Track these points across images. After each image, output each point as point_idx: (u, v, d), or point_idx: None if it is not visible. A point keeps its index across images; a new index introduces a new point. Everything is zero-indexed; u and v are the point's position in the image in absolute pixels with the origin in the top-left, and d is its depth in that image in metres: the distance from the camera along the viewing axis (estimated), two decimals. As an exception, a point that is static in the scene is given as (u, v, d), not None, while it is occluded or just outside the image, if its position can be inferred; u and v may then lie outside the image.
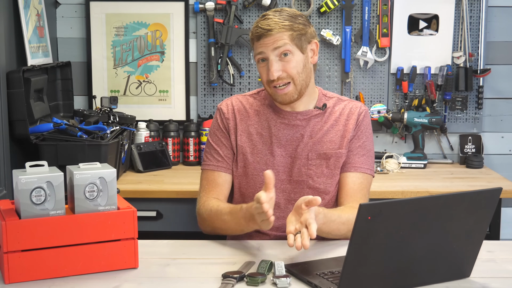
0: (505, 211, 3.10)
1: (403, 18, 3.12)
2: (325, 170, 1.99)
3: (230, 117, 2.04)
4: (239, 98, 2.08)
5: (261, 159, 2.00)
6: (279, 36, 1.89)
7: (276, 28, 1.89)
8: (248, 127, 2.03)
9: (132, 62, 3.16)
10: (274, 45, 1.89)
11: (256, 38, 1.91)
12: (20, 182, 1.51)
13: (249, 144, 2.02)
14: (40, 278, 1.54)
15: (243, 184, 2.02)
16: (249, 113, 2.04)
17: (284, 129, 2.00)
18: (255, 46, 1.93)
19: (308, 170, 1.99)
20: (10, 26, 2.55)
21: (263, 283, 1.53)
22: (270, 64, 1.90)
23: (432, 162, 3.14)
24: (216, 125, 2.07)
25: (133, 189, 2.63)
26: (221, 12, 3.09)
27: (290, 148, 1.99)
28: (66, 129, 2.60)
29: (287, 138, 2.00)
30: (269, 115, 2.02)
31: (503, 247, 1.84)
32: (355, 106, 2.04)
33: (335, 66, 3.15)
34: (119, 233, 1.60)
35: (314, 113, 2.02)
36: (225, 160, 2.03)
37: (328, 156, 1.99)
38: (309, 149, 1.99)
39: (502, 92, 3.20)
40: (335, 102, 2.05)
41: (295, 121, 2.00)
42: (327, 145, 2.00)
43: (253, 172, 2.00)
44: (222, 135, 2.04)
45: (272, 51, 1.89)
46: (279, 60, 1.90)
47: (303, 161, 1.98)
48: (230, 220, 1.86)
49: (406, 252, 1.45)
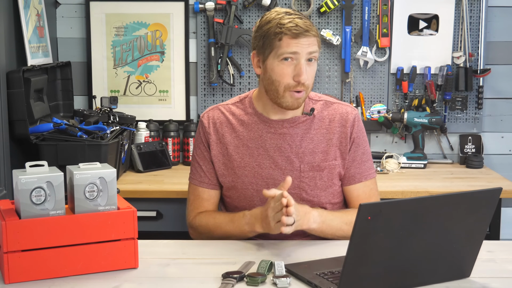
0: (505, 211, 3.10)
1: (403, 18, 3.12)
2: (319, 183, 1.92)
3: (211, 131, 1.96)
4: (221, 109, 1.99)
5: (249, 172, 1.92)
6: (314, 40, 1.82)
7: (313, 30, 1.82)
8: (233, 139, 1.95)
9: (132, 62, 3.16)
10: (309, 47, 1.80)
11: (291, 35, 1.79)
12: (20, 182, 1.51)
13: (235, 157, 1.94)
14: (40, 278, 1.54)
15: (234, 198, 1.97)
16: (232, 124, 1.95)
17: (271, 138, 1.92)
18: (285, 43, 1.79)
19: (301, 183, 1.91)
20: (10, 26, 2.55)
21: (263, 283, 1.53)
22: (302, 66, 1.80)
23: (432, 162, 3.14)
24: (198, 138, 2.00)
25: (133, 189, 2.63)
26: (221, 12, 3.09)
27: (279, 159, 1.91)
28: (66, 129, 2.60)
29: (274, 149, 1.91)
30: (254, 124, 1.94)
31: (503, 247, 1.84)
32: (345, 111, 1.95)
33: (335, 66, 3.15)
34: (119, 233, 1.59)
35: (302, 119, 1.92)
36: (207, 176, 1.97)
37: (321, 168, 1.92)
38: (300, 161, 1.91)
39: (502, 92, 3.20)
40: (323, 105, 1.96)
41: (282, 129, 1.92)
42: (319, 156, 1.92)
43: (242, 186, 1.94)
44: (204, 149, 1.98)
45: (306, 53, 1.80)
46: (307, 65, 1.82)
47: (295, 173, 1.90)
48: (232, 229, 1.87)
49: (406, 252, 1.45)
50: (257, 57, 1.90)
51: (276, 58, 1.82)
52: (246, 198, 1.94)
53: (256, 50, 1.90)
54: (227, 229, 1.89)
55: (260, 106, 1.95)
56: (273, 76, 1.84)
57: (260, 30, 1.87)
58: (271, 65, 1.84)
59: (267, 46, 1.84)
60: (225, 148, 1.95)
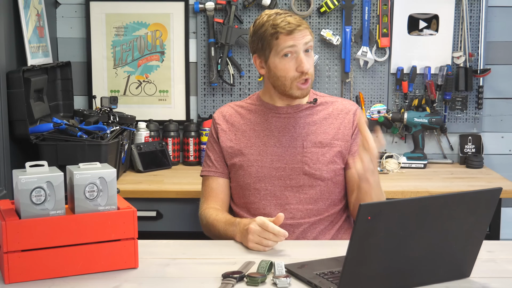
0: (505, 211, 3.10)
1: (403, 18, 3.12)
2: (321, 157, 2.04)
3: (221, 122, 2.12)
4: (231, 105, 2.16)
5: (255, 151, 2.06)
6: (306, 32, 1.97)
7: (304, 24, 1.97)
8: (242, 125, 2.10)
9: (132, 62, 3.16)
10: (304, 39, 1.96)
11: (286, 32, 1.94)
12: (20, 182, 1.51)
13: (243, 139, 2.08)
14: (40, 278, 1.54)
15: (240, 176, 2.07)
16: (241, 114, 2.12)
17: (277, 121, 2.07)
18: (281, 40, 1.95)
19: (304, 157, 2.04)
20: (10, 26, 2.55)
21: (263, 283, 1.53)
22: (301, 57, 1.95)
23: (432, 162, 3.14)
24: (210, 133, 2.17)
25: (133, 189, 2.63)
26: (221, 12, 3.09)
27: (283, 138, 2.05)
28: (66, 129, 2.60)
29: (279, 129, 2.06)
30: (262, 111, 2.09)
31: (503, 247, 1.84)
32: (348, 104, 2.13)
33: (335, 66, 3.15)
34: (119, 233, 1.59)
35: (305, 106, 2.09)
36: (214, 165, 2.11)
37: (323, 144, 2.05)
38: (303, 139, 2.05)
39: (502, 92, 3.20)
40: (327, 99, 2.13)
41: (287, 113, 2.07)
42: (321, 135, 2.06)
43: (247, 163, 2.05)
44: (213, 141, 2.13)
45: (303, 45, 1.96)
46: (305, 55, 1.97)
47: (298, 150, 2.04)
48: (224, 231, 1.92)
49: (406, 252, 1.45)
50: (259, 59, 2.05)
51: (277, 56, 1.97)
52: (251, 176, 2.04)
53: (256, 53, 2.04)
54: (220, 229, 1.95)
55: (267, 97, 2.11)
56: (277, 73, 1.99)
57: (256, 34, 2.01)
58: (274, 63, 1.99)
59: (266, 47, 1.98)
60: (234, 132, 2.10)
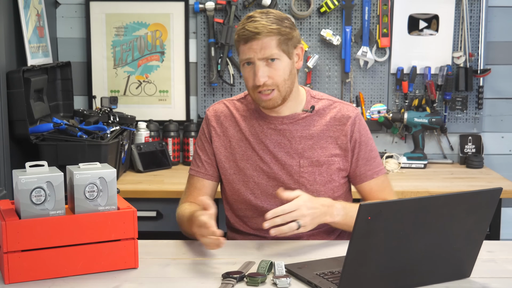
0: (505, 211, 3.10)
1: (403, 18, 3.12)
2: (318, 178, 1.93)
3: (215, 124, 2.00)
4: (226, 103, 2.02)
5: (251, 165, 1.95)
6: (267, 41, 1.80)
7: (264, 32, 1.79)
8: (236, 133, 1.97)
9: (132, 62, 3.16)
10: (262, 50, 1.80)
11: (243, 41, 1.82)
12: (20, 182, 1.51)
13: (238, 150, 1.97)
14: (40, 278, 1.54)
15: (235, 190, 1.98)
16: (236, 118, 1.98)
17: (272, 134, 1.94)
18: (241, 49, 1.84)
19: (301, 178, 1.93)
20: (10, 26, 2.55)
21: (263, 283, 1.53)
22: (257, 69, 1.81)
23: (432, 162, 3.14)
24: (202, 130, 2.04)
25: (133, 189, 2.63)
26: (221, 12, 3.09)
27: (279, 154, 1.93)
28: (66, 129, 2.60)
29: (274, 144, 1.94)
30: (256, 120, 1.96)
31: (503, 247, 1.84)
32: (347, 110, 1.96)
33: (335, 66, 3.15)
34: (119, 233, 1.60)
35: (302, 116, 1.94)
36: (204, 166, 2.00)
37: (320, 163, 1.93)
38: (300, 156, 1.93)
39: (502, 92, 3.20)
40: (325, 104, 1.97)
41: (281, 125, 1.94)
42: (318, 152, 1.93)
43: (243, 178, 1.96)
44: (205, 141, 2.01)
45: (259, 56, 1.81)
46: (266, 66, 1.82)
47: (294, 169, 1.93)
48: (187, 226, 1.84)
49: (406, 252, 1.45)
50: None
51: (241, 64, 1.88)
52: (247, 190, 1.96)
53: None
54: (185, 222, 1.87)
55: None
56: (244, 81, 1.91)
57: None
58: (241, 70, 1.90)
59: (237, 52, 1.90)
60: (228, 141, 1.98)
